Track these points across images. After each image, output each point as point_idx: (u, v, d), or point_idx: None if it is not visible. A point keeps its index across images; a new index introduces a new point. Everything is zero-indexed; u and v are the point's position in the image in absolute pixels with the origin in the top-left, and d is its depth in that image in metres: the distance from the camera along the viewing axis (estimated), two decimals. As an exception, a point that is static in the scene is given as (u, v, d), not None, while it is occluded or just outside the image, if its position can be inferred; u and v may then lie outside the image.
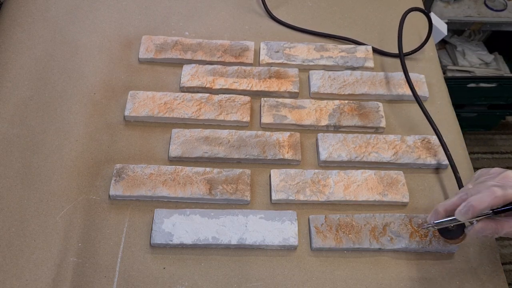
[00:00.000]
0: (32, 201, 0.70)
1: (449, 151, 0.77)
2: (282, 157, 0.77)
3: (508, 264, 1.59)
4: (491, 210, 0.57)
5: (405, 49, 0.94)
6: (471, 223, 0.60)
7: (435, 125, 0.79)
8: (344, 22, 1.00)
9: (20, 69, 0.84)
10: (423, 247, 0.70)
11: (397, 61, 0.94)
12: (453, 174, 0.77)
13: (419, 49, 0.94)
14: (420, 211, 0.74)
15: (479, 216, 0.58)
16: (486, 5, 1.77)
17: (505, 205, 0.56)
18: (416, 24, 0.98)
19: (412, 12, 0.89)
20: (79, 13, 0.94)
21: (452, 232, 0.62)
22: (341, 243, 0.69)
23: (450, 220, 0.61)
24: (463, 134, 0.86)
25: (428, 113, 0.81)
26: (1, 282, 0.63)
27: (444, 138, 0.81)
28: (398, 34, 0.86)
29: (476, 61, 1.87)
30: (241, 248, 0.69)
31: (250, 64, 0.89)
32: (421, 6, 1.04)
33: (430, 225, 0.64)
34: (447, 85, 0.93)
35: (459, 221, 0.59)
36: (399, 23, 0.87)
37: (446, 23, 1.19)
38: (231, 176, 0.74)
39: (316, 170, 0.76)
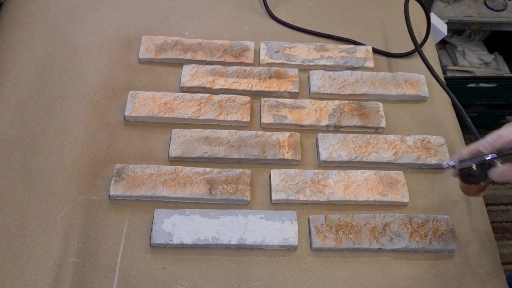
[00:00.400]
0: (32, 201, 0.70)
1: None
2: (282, 157, 0.77)
3: (508, 264, 1.59)
4: None
5: (405, 49, 0.94)
6: (494, 166, 0.58)
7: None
8: (344, 22, 1.00)
9: (20, 69, 0.84)
10: (423, 247, 0.70)
11: (397, 61, 0.94)
12: (452, 174, 0.76)
13: (415, 51, 0.93)
14: (420, 211, 0.74)
15: (506, 155, 0.55)
16: (486, 5, 1.77)
17: None
18: (415, 24, 0.98)
19: (412, 12, 0.89)
20: (79, 13, 0.94)
21: (475, 176, 0.60)
22: (341, 243, 0.69)
23: (474, 159, 0.58)
24: (463, 134, 0.86)
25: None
26: (1, 282, 0.63)
27: (444, 138, 0.81)
28: (406, 18, 0.87)
29: (476, 61, 1.87)
30: (241, 248, 0.69)
31: (250, 64, 0.89)
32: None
33: (453, 164, 0.61)
34: (447, 85, 0.92)
35: (483, 160, 0.57)
36: (404, 9, 0.87)
37: (446, 23, 1.19)
38: (231, 176, 0.74)
39: (316, 170, 0.76)
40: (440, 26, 1.07)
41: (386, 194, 0.74)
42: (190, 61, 0.88)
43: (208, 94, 0.83)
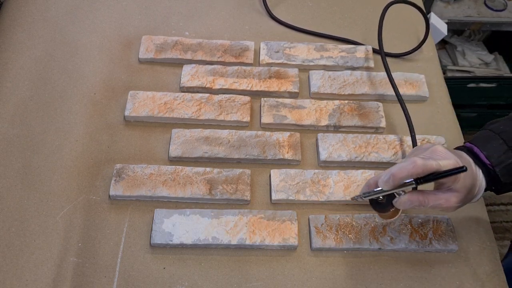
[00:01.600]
0: (32, 201, 0.70)
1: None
2: (282, 157, 0.77)
3: (508, 264, 1.59)
4: (413, 180, 0.56)
5: (405, 49, 0.94)
6: (399, 194, 0.59)
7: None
8: (344, 22, 1.00)
9: (20, 69, 0.84)
10: (423, 247, 0.70)
11: (397, 61, 0.94)
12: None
13: (416, 50, 0.94)
14: (420, 211, 0.74)
15: (403, 186, 0.57)
16: (486, 5, 1.77)
17: (426, 175, 0.55)
18: (415, 25, 0.98)
19: (412, 13, 0.89)
20: (79, 13, 0.94)
21: (383, 204, 0.61)
22: (341, 243, 0.69)
23: (377, 191, 0.60)
24: (463, 134, 0.86)
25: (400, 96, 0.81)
26: (1, 282, 0.63)
27: (444, 138, 0.81)
28: (379, 28, 0.87)
29: (476, 61, 1.87)
30: (241, 248, 0.69)
31: (250, 64, 0.89)
32: (421, 6, 1.04)
33: (359, 196, 0.63)
34: (447, 85, 0.93)
35: (385, 192, 0.58)
36: (380, 16, 0.88)
37: (446, 23, 1.19)
38: (231, 176, 0.74)
39: (316, 170, 0.76)
40: (440, 26, 1.07)
41: (386, 194, 0.74)
42: (190, 61, 0.88)
43: (208, 94, 0.83)
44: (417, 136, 0.81)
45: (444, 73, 1.75)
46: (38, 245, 0.67)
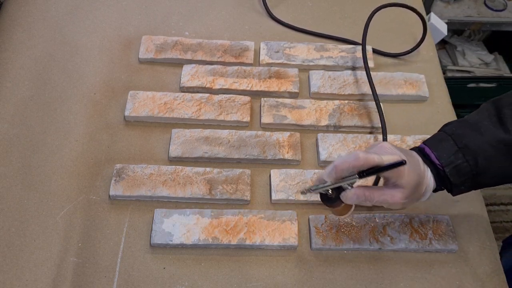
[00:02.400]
0: (32, 201, 0.70)
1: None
2: (282, 157, 0.77)
3: (508, 264, 1.59)
4: (356, 173, 0.56)
5: (404, 49, 0.94)
6: (345, 190, 0.59)
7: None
8: (344, 22, 1.00)
9: (20, 69, 0.84)
10: (423, 247, 0.70)
11: (397, 61, 0.94)
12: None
13: (415, 49, 0.93)
14: (420, 211, 0.74)
15: (347, 180, 0.57)
16: (486, 5, 1.77)
17: (369, 169, 0.56)
18: (415, 26, 0.98)
19: (411, 14, 0.89)
20: (79, 13, 0.94)
21: (332, 199, 0.61)
22: (341, 243, 0.69)
23: (324, 185, 0.59)
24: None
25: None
26: (1, 282, 0.63)
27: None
28: (364, 30, 0.88)
29: (476, 61, 1.87)
30: (241, 248, 0.69)
31: (250, 64, 0.89)
32: (421, 6, 1.04)
33: (308, 190, 0.62)
34: (447, 85, 0.93)
35: (331, 185, 0.58)
36: (368, 18, 0.88)
37: (446, 23, 1.19)
38: (231, 176, 0.74)
39: (316, 170, 0.76)
40: (440, 26, 1.07)
41: (386, 194, 0.74)
42: (190, 61, 0.88)
43: (208, 94, 0.83)
44: (417, 136, 0.81)
45: (444, 73, 1.75)
46: (38, 245, 0.67)
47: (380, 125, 0.82)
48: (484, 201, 0.78)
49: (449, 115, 0.87)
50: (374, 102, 0.85)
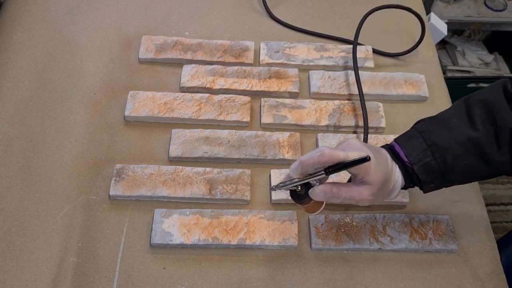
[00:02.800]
0: (32, 201, 0.70)
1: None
2: (282, 157, 0.77)
3: (508, 264, 1.59)
4: (323, 170, 0.56)
5: (404, 49, 0.94)
6: (313, 186, 0.58)
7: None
8: (344, 22, 1.00)
9: (20, 69, 0.84)
10: (423, 247, 0.70)
11: (397, 61, 0.94)
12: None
13: (414, 49, 0.93)
14: (420, 211, 0.74)
15: (314, 176, 0.57)
16: (486, 5, 1.77)
17: (335, 165, 0.55)
18: (414, 26, 0.98)
19: (411, 14, 0.89)
20: (79, 13, 0.94)
21: (301, 196, 0.60)
22: (341, 243, 0.69)
23: (292, 182, 0.59)
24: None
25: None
26: (1, 282, 0.63)
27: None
28: (357, 30, 0.88)
29: (476, 61, 1.87)
30: (241, 248, 0.69)
31: (250, 64, 0.89)
32: (421, 6, 1.04)
33: (276, 186, 0.61)
34: (447, 85, 0.93)
35: (298, 181, 0.58)
36: (360, 20, 0.88)
37: (446, 23, 1.19)
38: (231, 176, 0.74)
39: (316, 170, 0.76)
40: (440, 26, 1.07)
41: (386, 194, 0.74)
42: (190, 61, 0.88)
43: (208, 94, 0.83)
44: (417, 136, 0.81)
45: (444, 73, 1.75)
46: (38, 245, 0.67)
47: (381, 125, 0.82)
48: (484, 201, 0.78)
49: (449, 115, 0.87)
50: (374, 102, 0.85)
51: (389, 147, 0.63)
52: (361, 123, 0.82)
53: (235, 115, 0.81)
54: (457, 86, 1.76)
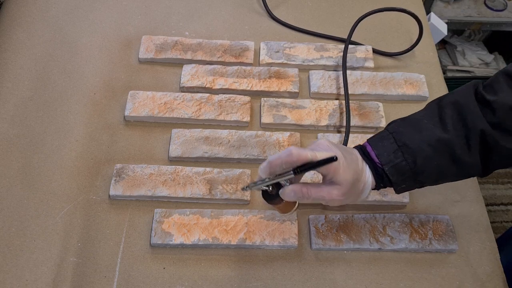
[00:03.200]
0: (32, 201, 0.70)
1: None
2: (282, 157, 0.77)
3: (508, 264, 1.59)
4: (292, 170, 0.56)
5: (401, 49, 0.94)
6: (283, 186, 0.58)
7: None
8: (344, 22, 1.00)
9: (20, 69, 0.84)
10: (423, 247, 0.70)
11: (397, 61, 0.94)
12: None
13: (411, 49, 0.93)
14: (420, 211, 0.74)
15: (283, 176, 0.57)
16: (486, 5, 1.78)
17: (303, 165, 0.55)
18: (413, 26, 0.98)
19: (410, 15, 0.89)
20: (79, 13, 0.94)
21: (272, 196, 0.59)
22: (341, 243, 0.69)
23: (262, 181, 0.59)
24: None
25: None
26: (1, 282, 0.63)
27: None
28: (352, 28, 0.88)
29: (476, 61, 1.87)
30: (241, 248, 0.69)
31: (250, 64, 0.89)
32: (421, 6, 1.04)
33: (248, 186, 0.60)
34: (447, 85, 0.93)
35: (267, 181, 0.58)
36: (354, 23, 0.89)
37: (446, 23, 1.19)
38: (231, 176, 0.74)
39: (316, 170, 0.76)
40: (440, 26, 1.07)
41: (386, 194, 0.74)
42: (190, 61, 0.88)
43: (208, 94, 0.83)
44: (417, 136, 0.80)
45: (444, 73, 1.76)
46: (38, 245, 0.67)
47: (381, 125, 0.82)
48: (484, 201, 0.78)
49: (449, 115, 0.87)
50: (374, 102, 0.85)
51: (360, 148, 0.63)
52: (361, 123, 0.82)
53: (235, 115, 0.81)
54: (457, 86, 1.75)
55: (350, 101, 0.85)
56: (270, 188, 0.59)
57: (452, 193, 0.77)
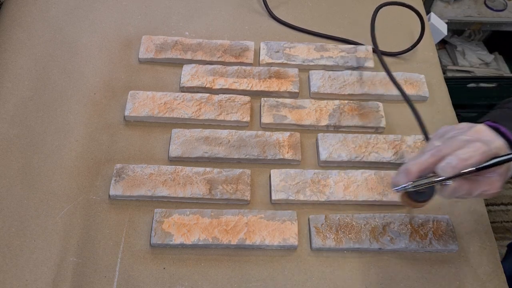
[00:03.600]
0: (32, 201, 0.70)
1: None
2: (282, 157, 0.77)
3: (508, 264, 1.59)
4: (474, 167, 0.53)
5: (401, 49, 0.94)
6: (445, 184, 0.56)
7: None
8: (344, 22, 1.00)
9: (20, 69, 0.84)
10: (423, 247, 0.70)
11: (397, 61, 0.94)
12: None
13: (413, 48, 0.93)
14: (420, 211, 0.74)
15: (464, 174, 0.54)
16: (486, 5, 1.78)
17: (487, 161, 0.53)
18: (414, 26, 0.98)
19: (410, 14, 0.89)
20: (79, 13, 0.94)
21: (423, 194, 0.57)
22: (341, 243, 0.69)
23: (429, 179, 0.55)
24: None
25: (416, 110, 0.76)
26: (1, 282, 0.63)
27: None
28: (371, 29, 0.87)
29: (476, 61, 1.87)
30: (241, 248, 0.69)
31: (250, 64, 0.89)
32: (421, 6, 1.04)
33: (407, 186, 0.57)
34: (447, 85, 0.93)
35: (441, 179, 0.55)
36: (372, 17, 0.88)
37: (446, 23, 1.19)
38: (231, 176, 0.74)
39: (316, 170, 0.76)
40: (440, 26, 1.07)
41: (386, 194, 0.74)
42: (190, 61, 0.88)
43: (208, 94, 0.83)
44: (417, 136, 0.81)
45: (444, 73, 1.76)
46: (38, 245, 0.67)
47: (381, 125, 0.82)
48: (484, 201, 0.78)
49: (449, 115, 0.87)
50: (374, 102, 0.85)
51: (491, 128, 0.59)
52: (361, 123, 0.82)
53: (235, 115, 0.81)
54: (457, 86, 1.75)
55: (349, 101, 0.85)
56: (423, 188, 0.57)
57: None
